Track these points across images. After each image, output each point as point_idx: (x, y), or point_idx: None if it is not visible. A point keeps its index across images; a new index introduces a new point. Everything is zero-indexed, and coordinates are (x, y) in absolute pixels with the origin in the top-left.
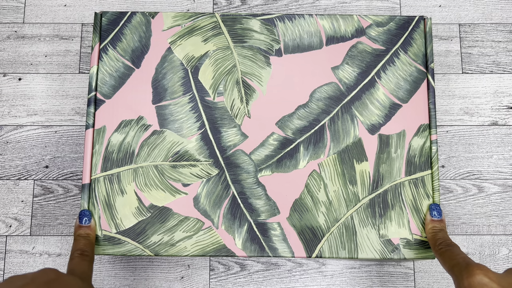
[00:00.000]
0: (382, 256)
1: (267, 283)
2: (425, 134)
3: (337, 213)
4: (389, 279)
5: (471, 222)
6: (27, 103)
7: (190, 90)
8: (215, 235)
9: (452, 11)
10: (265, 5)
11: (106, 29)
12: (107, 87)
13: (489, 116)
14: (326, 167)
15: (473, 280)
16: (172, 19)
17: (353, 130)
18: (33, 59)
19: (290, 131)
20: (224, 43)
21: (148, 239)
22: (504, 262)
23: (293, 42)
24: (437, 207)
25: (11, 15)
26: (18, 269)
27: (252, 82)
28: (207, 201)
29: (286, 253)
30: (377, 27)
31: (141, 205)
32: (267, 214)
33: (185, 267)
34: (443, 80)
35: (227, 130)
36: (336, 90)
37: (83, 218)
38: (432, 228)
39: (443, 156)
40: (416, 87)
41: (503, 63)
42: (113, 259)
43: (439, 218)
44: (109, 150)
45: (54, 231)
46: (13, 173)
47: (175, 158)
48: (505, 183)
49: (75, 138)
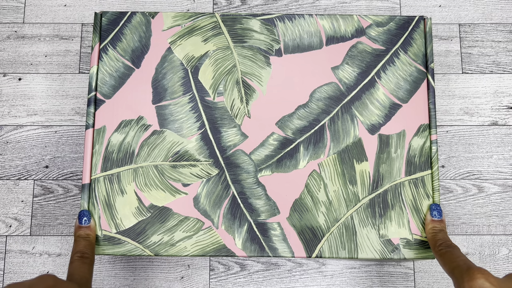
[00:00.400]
0: (382, 256)
1: (267, 283)
2: (425, 134)
3: (337, 213)
4: (389, 279)
5: (471, 222)
6: (27, 103)
7: (190, 90)
8: (215, 235)
9: (452, 11)
10: (265, 5)
11: (106, 29)
12: (107, 87)
13: (489, 116)
14: (326, 167)
15: (474, 284)
16: (172, 19)
17: (353, 130)
18: (33, 59)
19: (290, 131)
20: (224, 43)
21: (148, 239)
22: (504, 262)
23: (293, 42)
24: (437, 207)
25: (11, 15)
26: (18, 269)
27: (252, 82)
28: (207, 201)
29: (286, 253)
30: (377, 27)
31: (141, 205)
32: (267, 214)
33: (185, 267)
34: (443, 80)
35: (227, 130)
36: (336, 90)
37: (83, 218)
38: (432, 228)
39: (443, 156)
40: (416, 87)
41: (503, 63)
42: (113, 259)
43: (440, 218)
44: (109, 150)
45: (54, 231)
46: (13, 173)
47: (175, 158)
48: (505, 183)
49: (75, 138)
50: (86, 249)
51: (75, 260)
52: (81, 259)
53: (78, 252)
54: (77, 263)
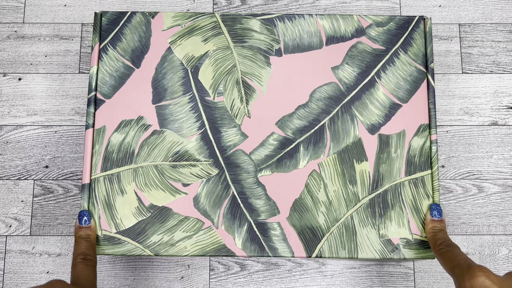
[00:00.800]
0: (382, 256)
1: (267, 283)
2: (425, 134)
3: (337, 213)
4: (389, 279)
5: (471, 222)
6: (27, 103)
7: (190, 90)
8: (215, 235)
9: (452, 11)
10: (265, 5)
11: (106, 29)
12: (107, 87)
13: (489, 116)
14: (326, 167)
15: (475, 282)
16: (172, 19)
17: (353, 130)
18: (33, 59)
19: (290, 131)
20: (224, 43)
21: (148, 239)
22: (504, 262)
23: (293, 42)
24: (437, 207)
25: (11, 15)
26: (18, 269)
27: (252, 82)
28: (207, 201)
29: (286, 253)
30: (377, 27)
31: (141, 205)
32: (267, 214)
33: (185, 267)
34: (443, 80)
35: (227, 130)
36: (336, 90)
37: (83, 219)
38: (432, 228)
39: (443, 156)
40: (416, 87)
41: (503, 63)
42: (113, 259)
43: (440, 218)
44: (109, 150)
45: (54, 231)
46: (13, 173)
47: (175, 158)
48: (505, 183)
49: (75, 138)
50: (88, 251)
51: (78, 263)
52: (84, 262)
53: (80, 254)
54: (81, 266)
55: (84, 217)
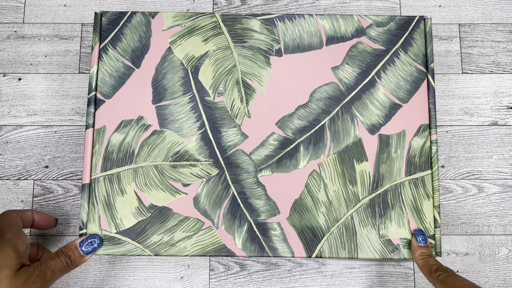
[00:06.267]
0: (382, 256)
1: (267, 283)
2: (425, 134)
3: (337, 213)
4: (389, 279)
5: (471, 222)
6: (27, 103)
7: (190, 90)
8: (215, 235)
9: (452, 11)
10: (265, 5)
11: (106, 29)
12: (107, 87)
13: (489, 116)
14: (326, 167)
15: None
16: (172, 19)
17: (353, 130)
18: (33, 59)
19: (290, 131)
20: (224, 43)
21: (148, 239)
22: (504, 262)
23: (293, 42)
24: (421, 233)
25: (11, 15)
26: None
27: (252, 82)
28: (207, 201)
29: (286, 253)
30: (377, 27)
31: (141, 205)
32: (267, 214)
33: (185, 267)
34: (443, 80)
35: (227, 130)
36: (336, 90)
37: (89, 248)
38: (421, 254)
39: (443, 156)
40: (416, 87)
41: (503, 63)
42: (113, 259)
43: (426, 244)
44: (109, 150)
45: (54, 231)
46: (13, 173)
47: (175, 158)
48: (505, 183)
49: (75, 138)
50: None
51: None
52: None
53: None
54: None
55: (92, 246)
